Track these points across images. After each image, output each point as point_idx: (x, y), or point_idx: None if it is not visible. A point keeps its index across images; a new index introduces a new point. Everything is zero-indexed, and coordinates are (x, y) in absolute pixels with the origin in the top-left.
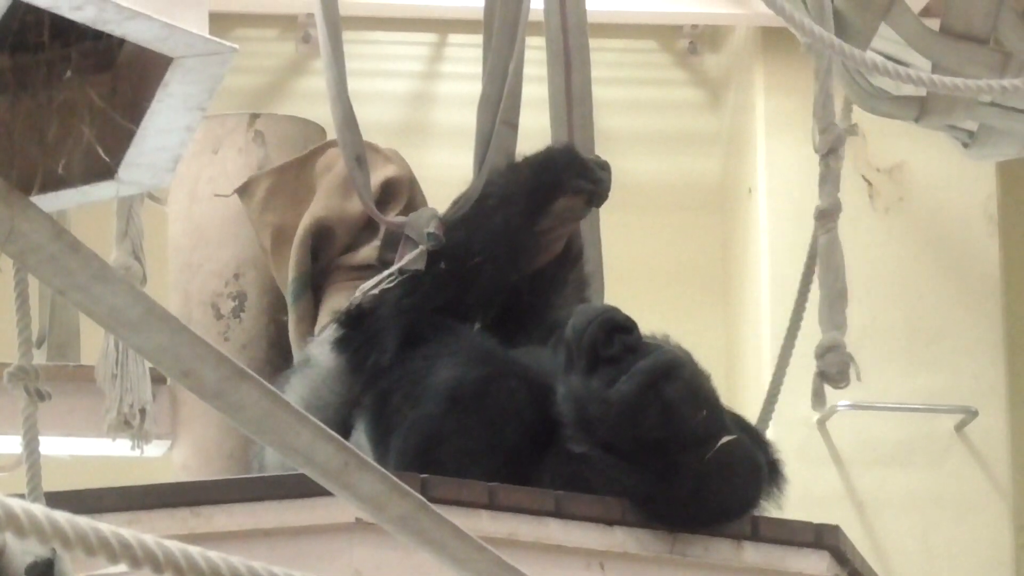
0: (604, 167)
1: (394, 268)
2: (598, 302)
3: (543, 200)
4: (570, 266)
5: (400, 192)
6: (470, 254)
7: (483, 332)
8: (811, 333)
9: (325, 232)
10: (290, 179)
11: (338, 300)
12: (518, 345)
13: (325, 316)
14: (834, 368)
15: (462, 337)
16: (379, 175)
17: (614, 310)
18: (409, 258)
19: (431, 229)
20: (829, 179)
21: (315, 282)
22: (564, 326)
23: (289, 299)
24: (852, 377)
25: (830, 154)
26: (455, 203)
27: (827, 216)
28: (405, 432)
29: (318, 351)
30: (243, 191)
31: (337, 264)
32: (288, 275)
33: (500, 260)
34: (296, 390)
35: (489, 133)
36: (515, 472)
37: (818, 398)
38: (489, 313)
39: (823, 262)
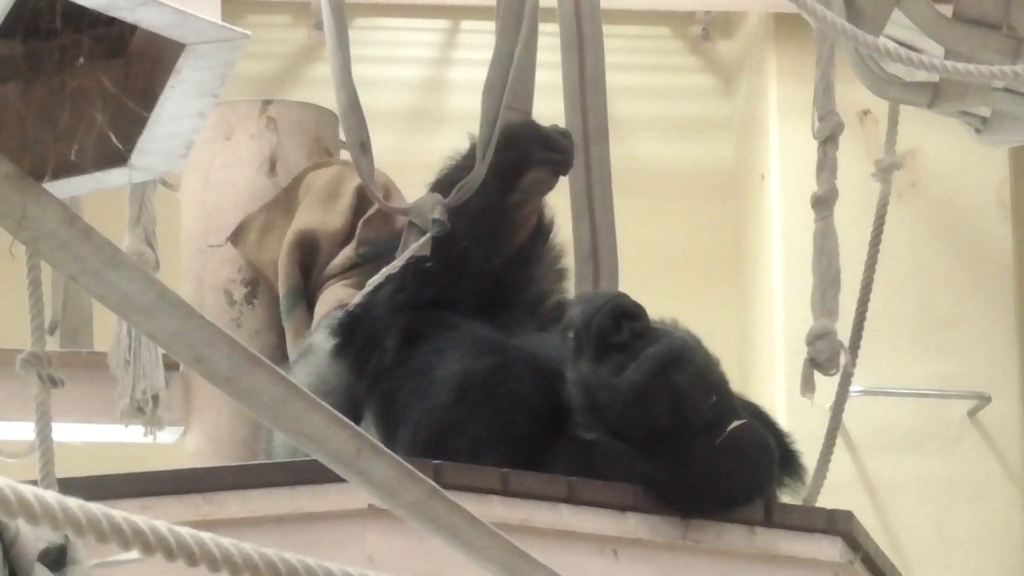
0: (565, 135)
1: (402, 257)
2: (609, 288)
3: (512, 177)
4: (543, 239)
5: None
6: (455, 241)
7: (475, 318)
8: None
9: (310, 244)
10: (280, 213)
11: (328, 300)
12: (505, 324)
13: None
14: (824, 355)
15: (463, 329)
16: None
17: (622, 296)
18: (416, 246)
19: (436, 215)
20: (826, 166)
21: (308, 297)
22: (556, 304)
23: (283, 313)
24: (845, 363)
25: (828, 141)
26: (456, 188)
27: (823, 203)
28: (415, 424)
29: (319, 337)
30: (236, 237)
31: (324, 275)
32: (279, 290)
33: (483, 243)
34: (300, 378)
35: (494, 118)
36: (526, 460)
37: (807, 384)
38: (477, 297)
39: (817, 249)
